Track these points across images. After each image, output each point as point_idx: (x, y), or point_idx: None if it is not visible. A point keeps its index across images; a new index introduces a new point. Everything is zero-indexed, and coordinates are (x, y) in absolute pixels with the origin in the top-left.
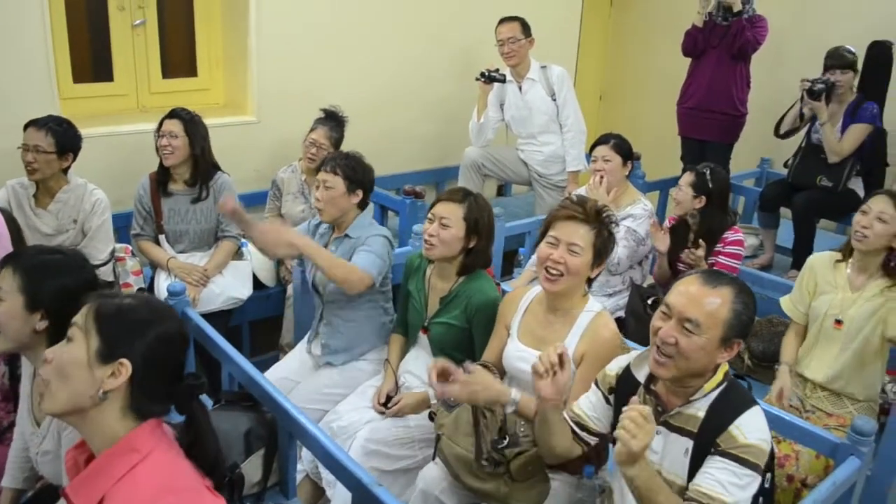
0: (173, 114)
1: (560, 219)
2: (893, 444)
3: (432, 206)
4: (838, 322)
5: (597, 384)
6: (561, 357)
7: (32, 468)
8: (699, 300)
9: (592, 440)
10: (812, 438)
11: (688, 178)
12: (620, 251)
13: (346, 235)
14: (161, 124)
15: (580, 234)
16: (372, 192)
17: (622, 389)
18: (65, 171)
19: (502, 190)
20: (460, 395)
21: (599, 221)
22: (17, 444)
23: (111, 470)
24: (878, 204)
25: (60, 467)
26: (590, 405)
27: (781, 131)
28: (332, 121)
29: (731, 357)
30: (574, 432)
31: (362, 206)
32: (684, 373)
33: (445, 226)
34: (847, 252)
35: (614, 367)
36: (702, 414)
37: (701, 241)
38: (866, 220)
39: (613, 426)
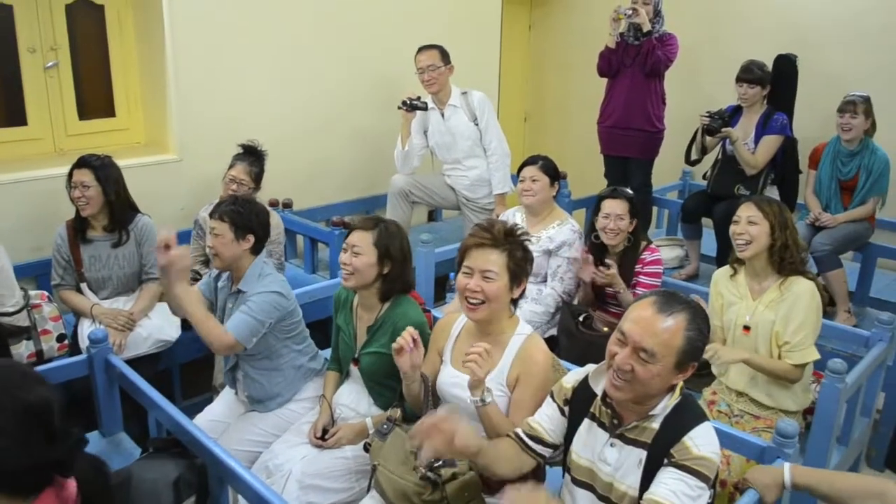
0: (82, 162)
1: (471, 247)
2: (819, 443)
3: (346, 236)
4: (746, 328)
5: (552, 397)
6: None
7: None
8: (654, 329)
9: (548, 452)
10: (739, 444)
11: (622, 205)
12: (567, 284)
13: (239, 290)
14: (71, 174)
15: (492, 260)
16: (266, 236)
17: (578, 401)
18: None
19: (433, 215)
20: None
21: (510, 243)
22: None
23: None
24: (745, 211)
25: None
26: (546, 418)
27: (690, 160)
28: (251, 156)
29: (688, 377)
30: (529, 447)
31: (256, 251)
32: (640, 396)
33: (357, 253)
34: (736, 264)
35: (571, 380)
36: (656, 426)
37: (608, 260)
38: (740, 227)
39: (567, 439)
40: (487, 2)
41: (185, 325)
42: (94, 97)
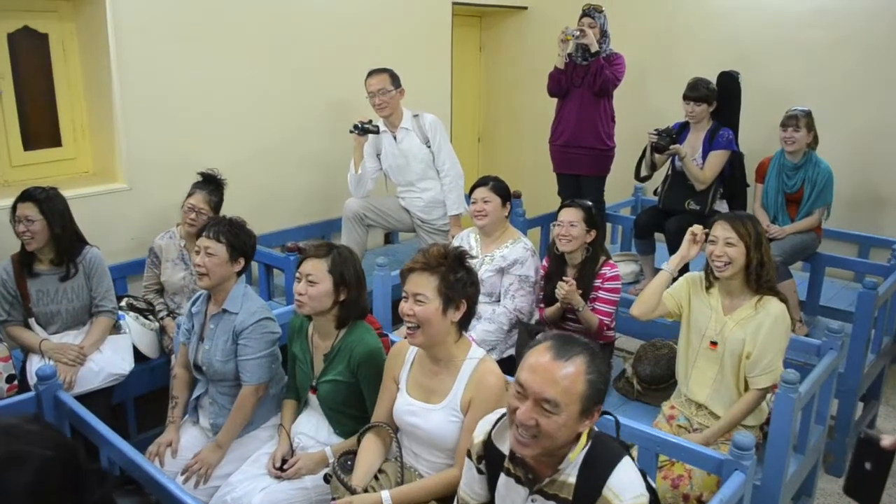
0: (26, 195)
1: (407, 272)
2: (776, 453)
3: (299, 264)
4: (713, 343)
5: (469, 456)
6: None
7: None
8: (552, 377)
9: None
10: (698, 458)
11: (576, 213)
12: (519, 302)
13: (224, 310)
14: (15, 208)
15: (423, 284)
16: (251, 261)
17: (490, 457)
18: None
19: (389, 238)
20: None
21: (443, 266)
22: None
23: None
24: (721, 231)
25: None
26: (466, 483)
27: (640, 176)
28: (211, 184)
29: (594, 423)
30: None
31: (240, 273)
32: (549, 449)
33: (312, 282)
34: (711, 277)
35: (480, 434)
36: (573, 480)
37: (565, 277)
38: (718, 248)
39: (491, 491)
40: (437, 24)
41: (139, 357)
42: (40, 127)
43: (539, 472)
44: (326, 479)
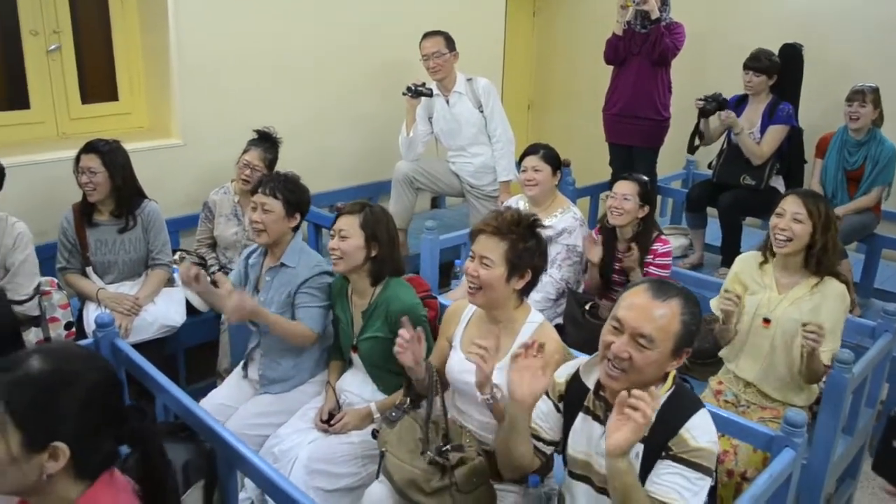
0: (90, 147)
1: (477, 233)
2: (826, 433)
3: (333, 223)
4: (766, 321)
5: (547, 394)
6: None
7: None
8: (650, 314)
9: (548, 450)
10: (748, 433)
11: (631, 186)
12: (566, 272)
13: (282, 264)
14: (78, 159)
15: (491, 247)
16: (305, 216)
17: (572, 396)
18: None
19: (437, 202)
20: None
21: (514, 233)
22: None
23: None
24: (791, 205)
25: None
26: (541, 415)
27: (693, 148)
28: (266, 142)
29: (681, 364)
30: (534, 447)
31: (296, 228)
32: (636, 384)
33: (344, 237)
34: (768, 253)
35: (563, 375)
36: (652, 418)
37: (633, 245)
38: (784, 222)
39: (564, 434)
40: None
41: (190, 310)
42: (97, 81)
43: None
44: (374, 434)
